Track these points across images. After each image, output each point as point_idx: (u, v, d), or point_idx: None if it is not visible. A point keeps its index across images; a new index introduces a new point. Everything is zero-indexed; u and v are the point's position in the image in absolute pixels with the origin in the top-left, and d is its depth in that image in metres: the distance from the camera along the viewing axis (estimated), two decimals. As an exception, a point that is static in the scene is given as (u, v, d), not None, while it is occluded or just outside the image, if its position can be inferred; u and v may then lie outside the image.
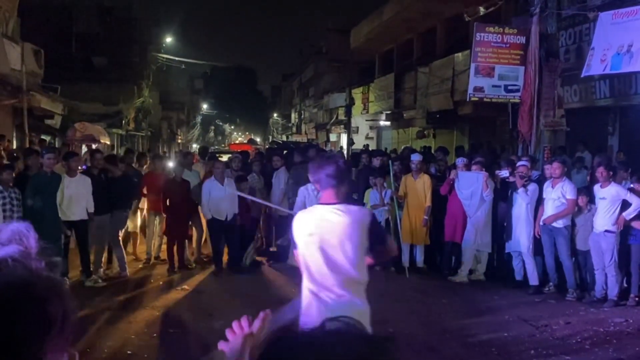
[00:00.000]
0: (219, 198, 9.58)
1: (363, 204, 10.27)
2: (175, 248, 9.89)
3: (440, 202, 9.88)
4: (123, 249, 9.59)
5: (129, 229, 10.42)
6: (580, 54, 13.18)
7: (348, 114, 29.40)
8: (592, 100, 13.20)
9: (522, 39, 11.69)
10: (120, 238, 9.52)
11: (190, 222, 10.35)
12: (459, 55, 17.92)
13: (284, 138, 52.72)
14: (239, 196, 9.48)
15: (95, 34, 28.31)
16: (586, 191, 8.61)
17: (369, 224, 3.54)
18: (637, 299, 8.18)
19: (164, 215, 10.18)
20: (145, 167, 11.80)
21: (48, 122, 19.61)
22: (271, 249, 11.19)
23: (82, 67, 26.88)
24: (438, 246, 10.13)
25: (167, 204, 9.97)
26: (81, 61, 27.22)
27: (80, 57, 27.44)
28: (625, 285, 8.39)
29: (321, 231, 3.53)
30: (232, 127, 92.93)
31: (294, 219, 3.72)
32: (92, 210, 8.67)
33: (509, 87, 11.68)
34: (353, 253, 3.48)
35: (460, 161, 9.85)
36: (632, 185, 8.32)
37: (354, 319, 1.06)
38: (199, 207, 10.09)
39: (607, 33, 10.60)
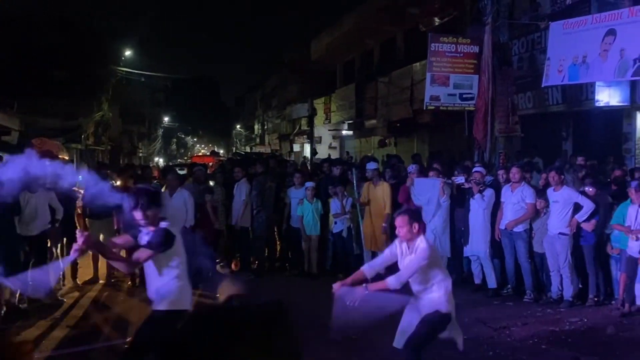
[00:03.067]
0: (165, 209, 9.65)
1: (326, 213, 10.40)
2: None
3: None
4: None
5: None
6: (533, 61, 13.55)
7: (310, 124, 29.54)
8: (545, 106, 13.56)
9: (476, 49, 12.00)
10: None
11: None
12: (417, 65, 18.18)
13: (248, 149, 52.58)
14: (197, 206, 9.62)
15: (53, 48, 27.85)
16: (543, 194, 8.85)
17: None
18: (595, 299, 8.43)
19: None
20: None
21: (5, 138, 19.22)
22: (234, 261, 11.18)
23: (40, 82, 26.42)
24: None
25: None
26: (38, 75, 26.74)
27: (38, 71, 26.96)
28: (580, 285, 8.64)
29: None
30: (195, 139, 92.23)
31: None
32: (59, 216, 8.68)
33: (464, 96, 11.97)
34: None
35: (412, 168, 10.01)
36: (585, 189, 8.58)
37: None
38: None
39: (561, 43, 10.95)
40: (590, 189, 8.50)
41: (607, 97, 11.87)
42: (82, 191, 9.86)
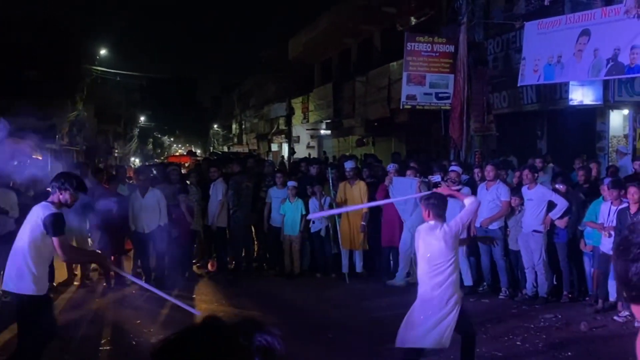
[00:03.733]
0: (138, 209, 9.56)
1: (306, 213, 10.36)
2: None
3: (378, 208, 10.03)
4: None
5: None
6: (508, 61, 13.66)
7: (288, 123, 29.49)
8: (520, 105, 13.69)
9: (451, 48, 12.09)
10: None
11: (126, 237, 10.18)
12: (394, 64, 18.22)
13: (225, 149, 52.31)
14: (168, 207, 9.53)
15: (26, 47, 27.44)
16: (518, 192, 8.93)
17: None
18: (570, 296, 8.54)
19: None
20: None
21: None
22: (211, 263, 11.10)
23: (13, 81, 26.00)
24: (376, 251, 10.27)
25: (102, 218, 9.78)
26: (11, 75, 26.32)
27: (10, 70, 26.52)
28: (555, 282, 8.74)
29: None
30: (172, 139, 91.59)
31: None
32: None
33: (440, 95, 12.05)
34: None
35: (391, 167, 10.05)
36: (557, 186, 8.69)
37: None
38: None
39: (535, 43, 11.07)
40: (562, 186, 8.61)
41: (581, 96, 12.02)
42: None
